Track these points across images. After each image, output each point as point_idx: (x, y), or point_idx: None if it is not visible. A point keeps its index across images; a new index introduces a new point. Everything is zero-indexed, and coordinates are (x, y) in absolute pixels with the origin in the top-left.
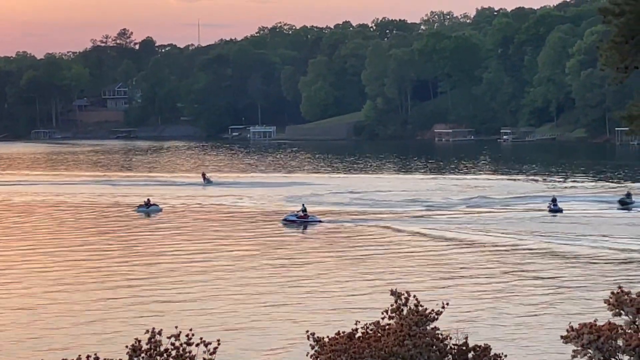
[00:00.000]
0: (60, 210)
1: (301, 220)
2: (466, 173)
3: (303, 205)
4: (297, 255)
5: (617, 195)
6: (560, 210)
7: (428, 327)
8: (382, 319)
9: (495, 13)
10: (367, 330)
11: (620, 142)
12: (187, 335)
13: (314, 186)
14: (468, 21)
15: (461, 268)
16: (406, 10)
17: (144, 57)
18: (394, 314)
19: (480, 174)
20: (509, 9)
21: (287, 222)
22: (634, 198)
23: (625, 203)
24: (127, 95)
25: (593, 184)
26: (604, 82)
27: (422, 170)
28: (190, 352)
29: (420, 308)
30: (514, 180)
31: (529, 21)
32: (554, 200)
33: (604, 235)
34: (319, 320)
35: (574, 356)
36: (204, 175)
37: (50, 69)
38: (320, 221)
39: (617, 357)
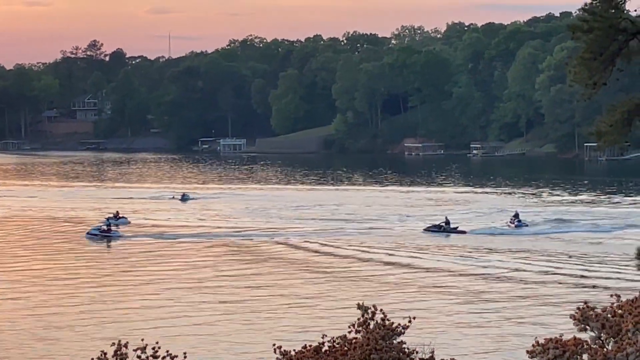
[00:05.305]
0: (25, 222)
1: (103, 235)
2: (437, 186)
3: (107, 219)
4: (263, 272)
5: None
6: (525, 226)
7: (395, 341)
8: (349, 332)
9: (466, 28)
10: (334, 344)
11: (589, 158)
12: (153, 348)
13: (281, 199)
14: (439, 36)
15: (426, 284)
16: (377, 25)
17: (114, 69)
18: (360, 328)
19: (448, 187)
20: (479, 24)
21: (91, 236)
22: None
23: (427, 230)
24: (97, 107)
25: (557, 199)
26: (573, 98)
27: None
28: None
29: (387, 322)
30: (479, 194)
31: (499, 36)
32: (516, 216)
33: (567, 252)
34: (286, 334)
35: None
36: (183, 195)
37: (19, 79)
38: (121, 236)
39: None
